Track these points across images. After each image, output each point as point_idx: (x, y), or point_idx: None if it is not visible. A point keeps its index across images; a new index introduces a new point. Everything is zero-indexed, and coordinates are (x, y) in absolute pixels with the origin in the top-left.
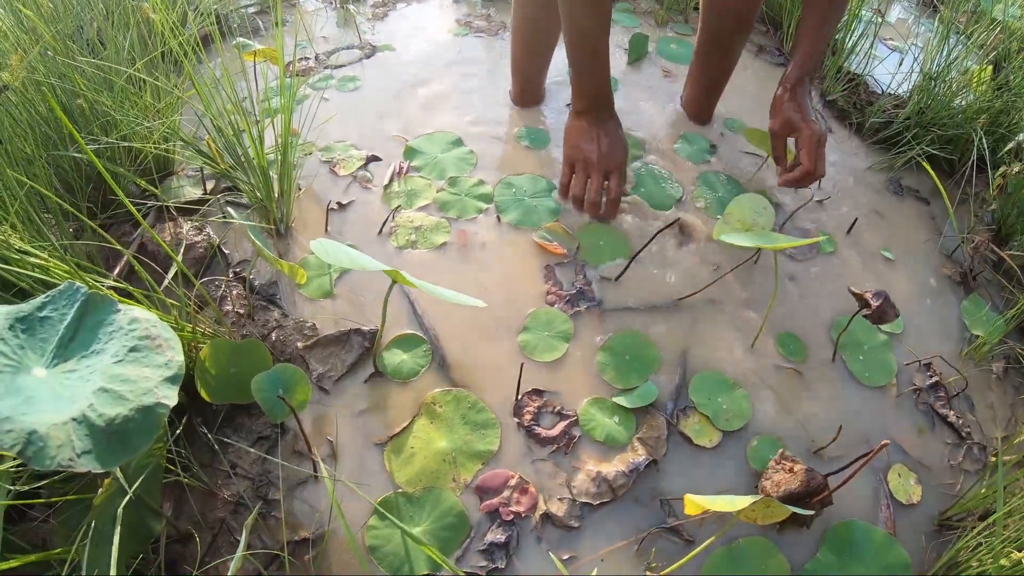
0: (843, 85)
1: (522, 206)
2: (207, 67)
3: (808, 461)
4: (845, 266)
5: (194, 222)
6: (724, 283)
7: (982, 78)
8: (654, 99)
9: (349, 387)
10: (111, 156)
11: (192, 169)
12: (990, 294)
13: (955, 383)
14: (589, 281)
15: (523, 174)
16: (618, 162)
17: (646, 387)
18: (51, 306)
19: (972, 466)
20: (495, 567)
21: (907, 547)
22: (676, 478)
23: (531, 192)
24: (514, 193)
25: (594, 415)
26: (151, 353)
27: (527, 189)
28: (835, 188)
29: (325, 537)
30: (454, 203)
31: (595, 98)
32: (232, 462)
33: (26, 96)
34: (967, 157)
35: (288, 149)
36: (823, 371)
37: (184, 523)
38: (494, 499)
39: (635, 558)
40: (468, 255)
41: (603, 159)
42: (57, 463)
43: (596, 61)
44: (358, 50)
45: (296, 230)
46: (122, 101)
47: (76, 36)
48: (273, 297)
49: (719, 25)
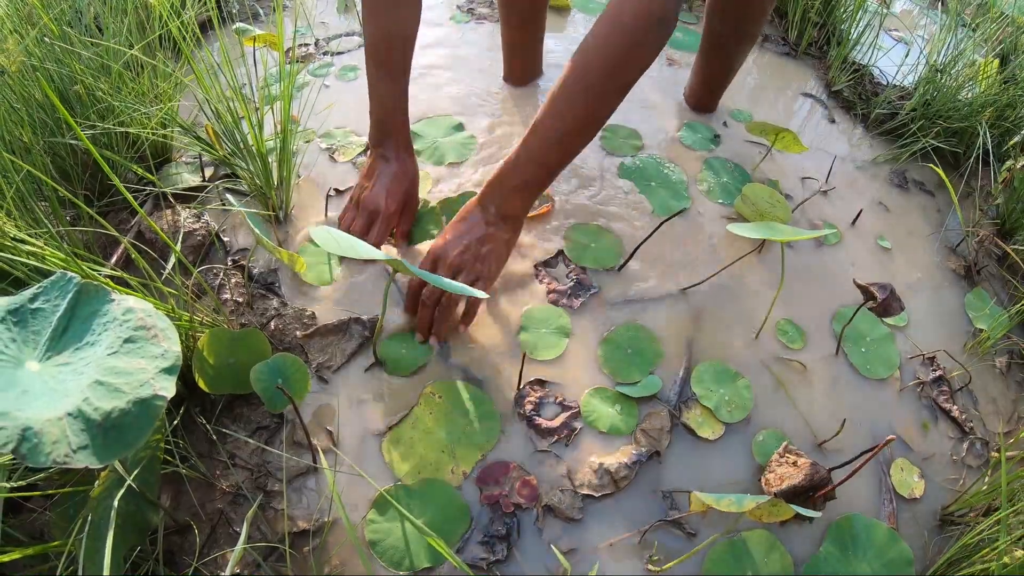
0: (848, 75)
1: None
2: (206, 52)
3: (811, 454)
4: (849, 258)
5: (192, 209)
6: (727, 273)
7: (988, 71)
8: (658, 87)
9: (349, 377)
10: (108, 143)
11: (190, 156)
12: (994, 288)
13: (958, 377)
14: (583, 268)
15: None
16: (387, 210)
17: (649, 377)
18: (43, 297)
19: (975, 461)
20: (496, 559)
21: (909, 542)
22: (679, 470)
23: None
24: None
25: (596, 406)
26: (147, 344)
27: None
28: (841, 179)
29: (325, 529)
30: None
31: (377, 124)
32: (231, 453)
33: (22, 82)
34: (972, 150)
35: (288, 136)
36: (826, 363)
37: (182, 514)
38: (495, 490)
39: (637, 551)
40: None
41: (368, 202)
42: (52, 460)
43: (380, 74)
44: (358, 37)
45: (296, 217)
46: (119, 87)
47: (75, 22)
48: (272, 285)
49: (721, 29)
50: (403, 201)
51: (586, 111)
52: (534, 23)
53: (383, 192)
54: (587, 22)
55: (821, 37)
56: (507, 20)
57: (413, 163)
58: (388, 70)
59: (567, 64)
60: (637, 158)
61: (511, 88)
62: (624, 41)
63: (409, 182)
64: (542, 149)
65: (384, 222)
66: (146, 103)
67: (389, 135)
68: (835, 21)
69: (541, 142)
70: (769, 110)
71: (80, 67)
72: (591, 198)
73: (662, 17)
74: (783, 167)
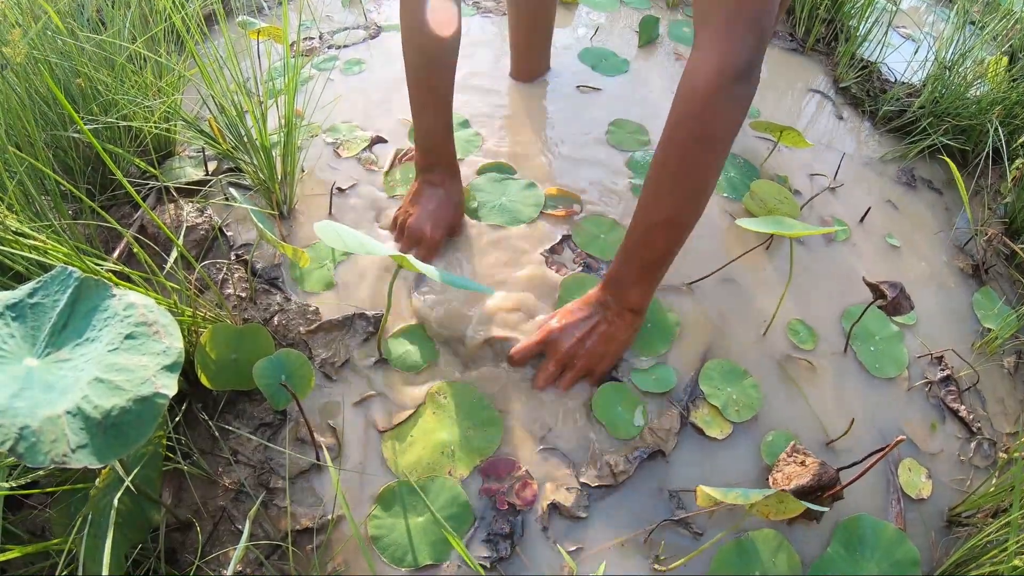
0: (856, 72)
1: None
2: (210, 45)
3: (819, 453)
4: (858, 255)
5: (195, 204)
6: (735, 270)
7: (997, 69)
8: (665, 82)
9: (353, 373)
10: (111, 136)
11: (194, 150)
12: (1002, 288)
13: (966, 377)
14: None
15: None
16: (431, 238)
17: (664, 372)
18: (42, 292)
19: (982, 462)
20: (499, 557)
21: (916, 542)
22: (686, 469)
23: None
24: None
25: (606, 402)
26: (148, 340)
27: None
28: (849, 176)
29: (328, 527)
30: None
31: (424, 152)
32: (233, 449)
33: (25, 75)
34: (980, 148)
35: (292, 130)
36: (834, 361)
37: (184, 511)
38: (495, 485)
39: (643, 550)
40: (469, 243)
41: (413, 230)
42: (51, 459)
43: (424, 103)
44: (363, 30)
45: (300, 212)
46: (122, 80)
47: (77, 15)
48: (275, 280)
49: None
50: (447, 230)
51: (674, 199)
52: (544, 24)
53: (429, 219)
54: (594, 16)
55: (829, 33)
56: (516, 22)
57: (459, 190)
58: (433, 97)
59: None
60: (647, 153)
61: (518, 84)
62: (702, 114)
63: (454, 209)
64: (645, 244)
65: (426, 249)
66: (149, 96)
67: (438, 162)
68: (843, 17)
69: (640, 238)
70: (777, 106)
71: (83, 60)
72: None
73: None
74: (791, 163)
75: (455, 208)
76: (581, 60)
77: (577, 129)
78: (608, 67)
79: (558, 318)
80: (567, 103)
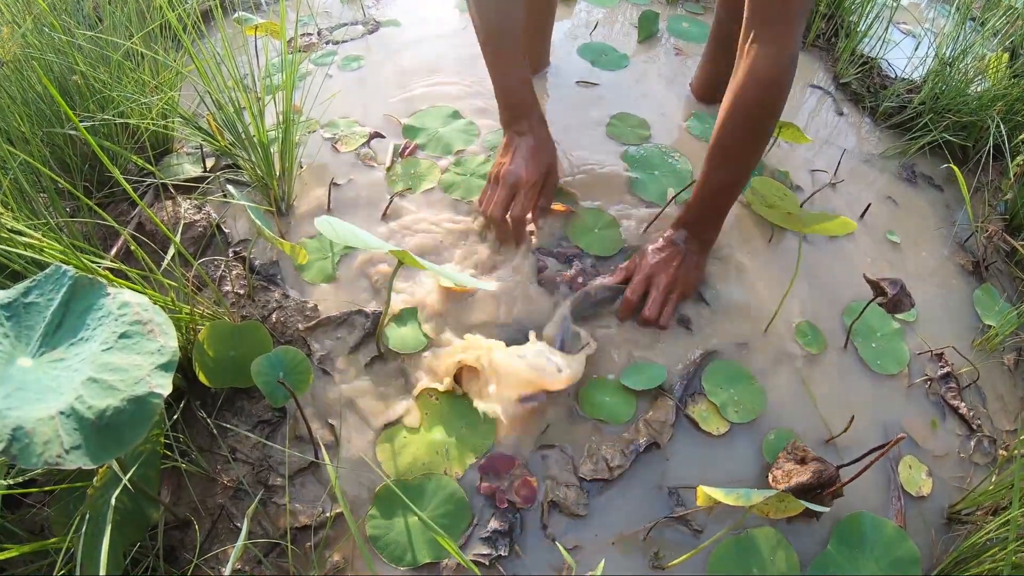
0: (857, 68)
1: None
2: (207, 42)
3: (819, 450)
4: (858, 252)
5: (193, 200)
6: (736, 264)
7: (998, 65)
8: (665, 77)
9: (351, 370)
10: (107, 133)
11: (191, 146)
12: (1003, 285)
13: (967, 374)
14: (583, 268)
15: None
16: (528, 179)
17: (655, 368)
18: (37, 291)
19: (982, 459)
20: (498, 555)
21: (916, 540)
22: (684, 466)
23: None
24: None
25: (596, 396)
26: (143, 339)
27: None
28: (849, 172)
29: (327, 525)
30: (459, 183)
31: (508, 108)
32: (232, 447)
33: (20, 72)
34: (981, 144)
35: (290, 126)
36: (835, 357)
37: (183, 509)
38: (494, 483)
39: (642, 548)
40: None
41: (509, 175)
42: (44, 461)
43: (499, 63)
44: (362, 26)
45: (298, 208)
46: (119, 77)
47: (74, 11)
48: (274, 277)
49: (729, 30)
50: (544, 172)
51: (745, 161)
52: (543, 19)
53: (523, 164)
54: (594, 12)
55: (829, 29)
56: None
57: (548, 135)
58: (508, 59)
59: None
60: (642, 147)
61: None
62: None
63: (548, 153)
64: (721, 192)
65: (527, 192)
66: (146, 93)
67: (523, 115)
68: (843, 13)
69: (716, 189)
70: None
71: (79, 57)
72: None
73: (793, 61)
74: (792, 159)
75: (549, 153)
76: (581, 55)
77: (576, 124)
78: (607, 62)
79: (642, 254)
80: (566, 98)
